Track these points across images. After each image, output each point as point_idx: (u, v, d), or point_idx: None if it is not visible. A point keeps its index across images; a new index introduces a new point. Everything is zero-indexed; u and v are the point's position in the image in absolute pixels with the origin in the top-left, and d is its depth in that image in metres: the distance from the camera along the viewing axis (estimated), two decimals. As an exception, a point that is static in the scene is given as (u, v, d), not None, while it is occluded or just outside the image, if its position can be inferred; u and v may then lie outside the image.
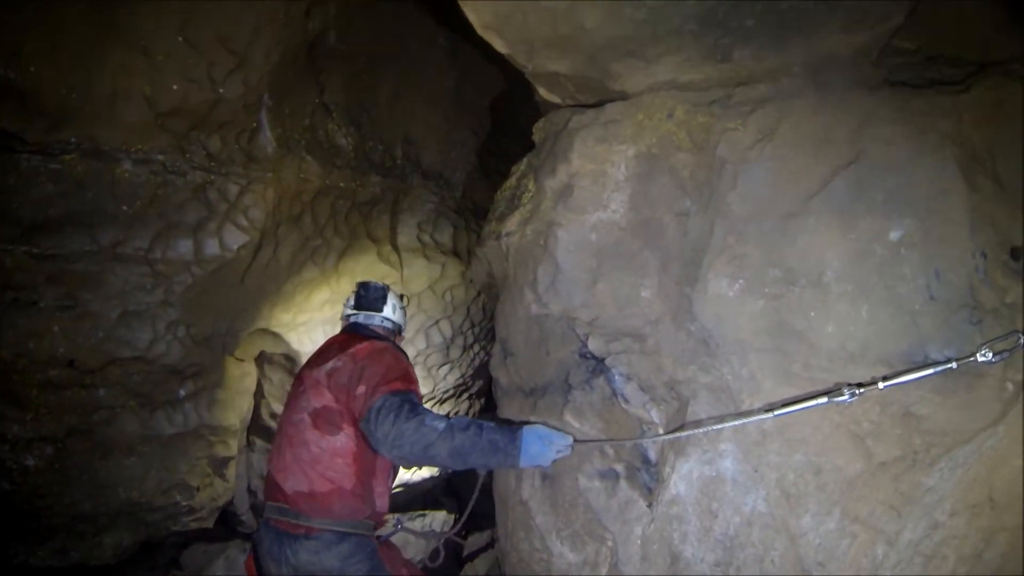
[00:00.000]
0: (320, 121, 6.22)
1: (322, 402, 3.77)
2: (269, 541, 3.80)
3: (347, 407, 3.74)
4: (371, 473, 3.84)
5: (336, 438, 3.71)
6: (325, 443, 3.71)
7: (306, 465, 3.76)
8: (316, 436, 3.75)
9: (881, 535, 3.17)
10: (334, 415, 3.74)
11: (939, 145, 3.14)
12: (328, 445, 3.72)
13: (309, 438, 3.76)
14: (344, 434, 3.71)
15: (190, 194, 5.34)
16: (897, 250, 3.10)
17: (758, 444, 3.25)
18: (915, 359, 3.04)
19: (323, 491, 3.72)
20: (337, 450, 3.72)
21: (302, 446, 3.77)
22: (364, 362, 3.81)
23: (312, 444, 3.75)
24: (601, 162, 3.78)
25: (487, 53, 6.41)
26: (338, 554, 3.70)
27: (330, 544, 3.70)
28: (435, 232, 7.64)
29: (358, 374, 3.75)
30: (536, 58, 3.73)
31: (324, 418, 3.75)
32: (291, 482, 3.79)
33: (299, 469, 3.77)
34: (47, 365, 5.15)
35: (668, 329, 3.51)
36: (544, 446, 3.35)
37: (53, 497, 5.30)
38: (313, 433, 3.75)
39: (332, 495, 3.72)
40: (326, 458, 3.73)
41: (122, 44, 4.78)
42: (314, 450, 3.75)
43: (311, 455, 3.75)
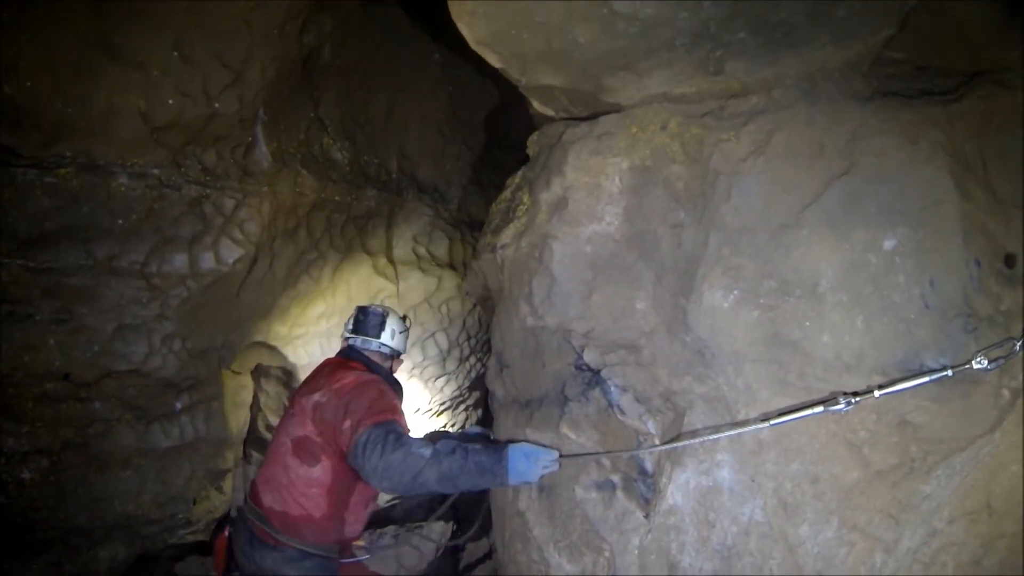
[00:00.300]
0: (315, 135, 6.24)
1: (304, 432, 3.90)
2: (242, 538, 4.02)
3: (331, 441, 3.84)
4: (343, 505, 3.98)
5: (313, 469, 3.86)
6: (303, 471, 3.87)
7: (282, 488, 3.92)
8: (295, 463, 3.89)
9: (879, 543, 3.17)
10: (314, 447, 3.87)
11: (931, 155, 3.15)
12: (304, 474, 3.87)
13: (289, 463, 3.91)
14: (321, 466, 3.85)
15: (185, 208, 5.35)
16: (891, 260, 3.11)
17: (755, 454, 3.24)
18: (911, 367, 3.05)
19: (294, 515, 3.89)
20: (312, 480, 3.86)
21: (281, 469, 3.93)
22: (349, 397, 3.87)
23: (291, 470, 3.90)
24: (595, 175, 3.79)
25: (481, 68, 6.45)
26: (299, 569, 3.89)
27: (292, 560, 3.89)
28: (430, 245, 7.65)
29: (343, 409, 3.82)
30: (530, 72, 3.73)
31: (304, 448, 3.89)
32: (268, 497, 3.95)
33: (276, 488, 3.94)
34: (43, 378, 5.16)
35: (663, 340, 3.51)
36: (530, 463, 3.41)
37: (48, 510, 5.29)
38: (293, 460, 3.90)
39: (302, 520, 3.89)
40: (300, 485, 3.88)
41: (118, 60, 4.79)
42: (292, 475, 3.90)
43: (288, 480, 3.90)
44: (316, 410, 3.90)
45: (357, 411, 3.78)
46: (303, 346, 6.74)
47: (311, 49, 5.86)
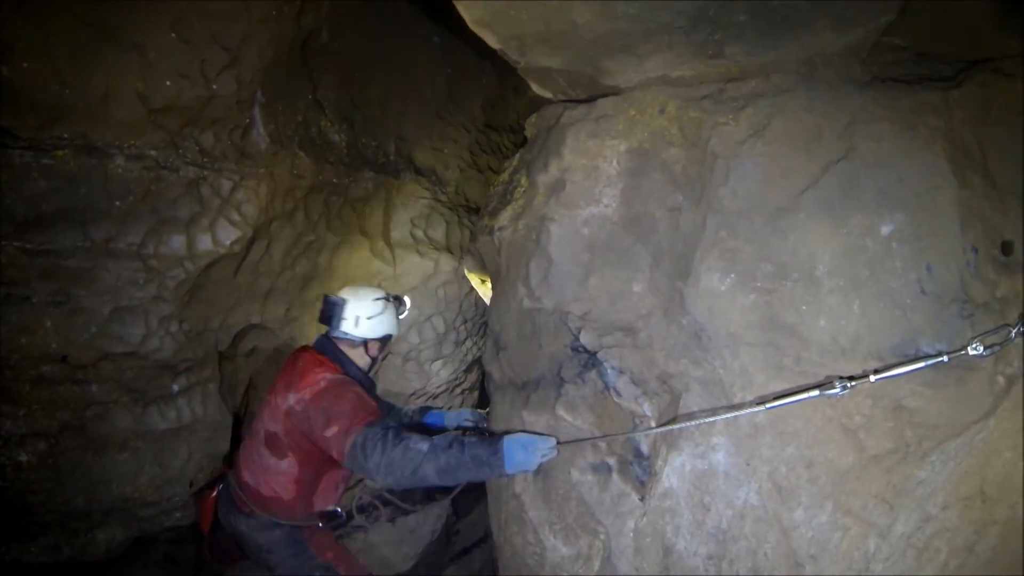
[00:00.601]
0: (313, 118, 6.22)
1: (275, 429, 4.26)
2: (224, 503, 4.61)
3: (299, 442, 4.19)
4: (311, 491, 4.43)
5: (281, 462, 4.30)
6: (272, 462, 4.33)
7: (257, 470, 4.41)
8: (266, 453, 4.33)
9: (873, 528, 3.18)
10: (281, 444, 4.25)
11: (929, 141, 3.15)
12: (274, 464, 4.32)
13: (261, 452, 4.35)
14: (288, 461, 4.28)
15: (183, 190, 5.34)
16: (888, 245, 3.12)
17: (750, 437, 3.26)
18: (907, 353, 3.06)
19: (266, 495, 4.38)
20: (281, 471, 4.32)
21: (256, 454, 4.40)
22: (324, 403, 4.05)
23: (264, 457, 4.35)
24: (593, 157, 3.80)
25: (479, 51, 6.43)
26: (269, 536, 4.43)
27: (264, 527, 4.42)
28: (428, 228, 7.63)
29: (322, 417, 4.00)
30: (528, 54, 3.72)
31: (273, 443, 4.29)
32: (246, 474, 4.46)
33: (252, 469, 4.43)
34: (39, 361, 5.15)
35: (660, 323, 3.52)
36: (528, 453, 3.49)
37: (46, 493, 5.30)
38: (264, 450, 4.34)
39: (272, 501, 4.37)
40: (271, 473, 4.35)
41: (115, 41, 4.78)
42: (265, 463, 4.36)
43: (261, 466, 4.37)
44: (289, 415, 4.14)
45: (341, 416, 3.95)
46: (300, 328, 6.72)
47: (309, 31, 5.84)
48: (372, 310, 4.58)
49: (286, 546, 4.45)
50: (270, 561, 4.50)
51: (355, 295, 4.62)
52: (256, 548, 4.50)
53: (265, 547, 4.45)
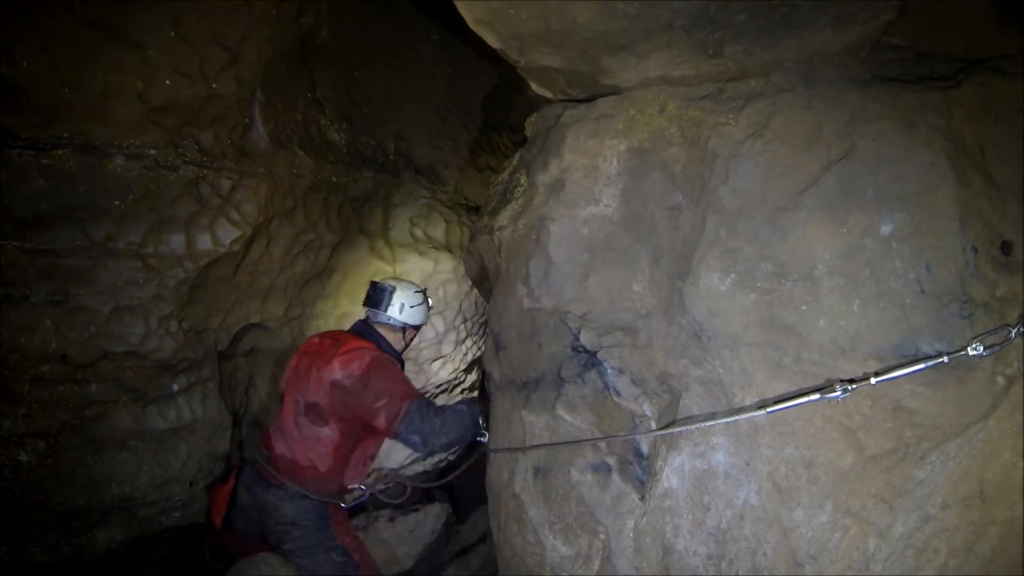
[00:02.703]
0: (312, 116, 6.22)
1: (316, 399, 4.62)
2: (250, 477, 4.87)
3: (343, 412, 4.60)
4: (345, 461, 4.79)
5: (322, 429, 4.65)
6: (312, 430, 4.67)
7: (293, 441, 4.71)
8: (306, 422, 4.69)
9: (873, 528, 3.19)
10: (324, 412, 4.62)
11: (929, 140, 3.16)
12: (314, 432, 4.67)
13: (300, 422, 4.70)
14: (329, 428, 4.65)
15: (182, 189, 5.33)
16: (888, 244, 3.13)
17: (750, 437, 3.27)
18: (906, 353, 3.07)
19: (302, 464, 4.67)
20: (321, 439, 4.66)
21: (294, 425, 4.72)
22: (373, 377, 4.56)
23: (303, 427, 4.69)
24: (593, 156, 3.80)
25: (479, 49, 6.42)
26: (296, 508, 4.67)
27: (293, 498, 4.67)
28: (427, 227, 7.65)
29: (373, 389, 4.52)
30: (528, 53, 3.72)
31: (315, 412, 4.63)
32: (280, 446, 4.77)
33: (288, 440, 4.74)
34: (39, 360, 5.14)
35: (660, 323, 3.53)
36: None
37: (46, 493, 5.28)
38: (304, 419, 4.69)
39: (307, 470, 4.67)
40: (311, 442, 4.67)
41: (114, 40, 4.77)
42: (303, 432, 4.69)
43: (300, 435, 4.69)
44: (335, 387, 4.57)
45: (389, 391, 4.53)
46: (299, 327, 6.72)
47: (308, 29, 5.84)
48: (415, 300, 5.17)
49: (312, 519, 4.71)
50: (290, 535, 4.71)
51: (401, 285, 5.17)
52: (281, 521, 4.72)
53: (291, 519, 4.68)
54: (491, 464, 4.31)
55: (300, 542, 4.71)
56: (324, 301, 6.86)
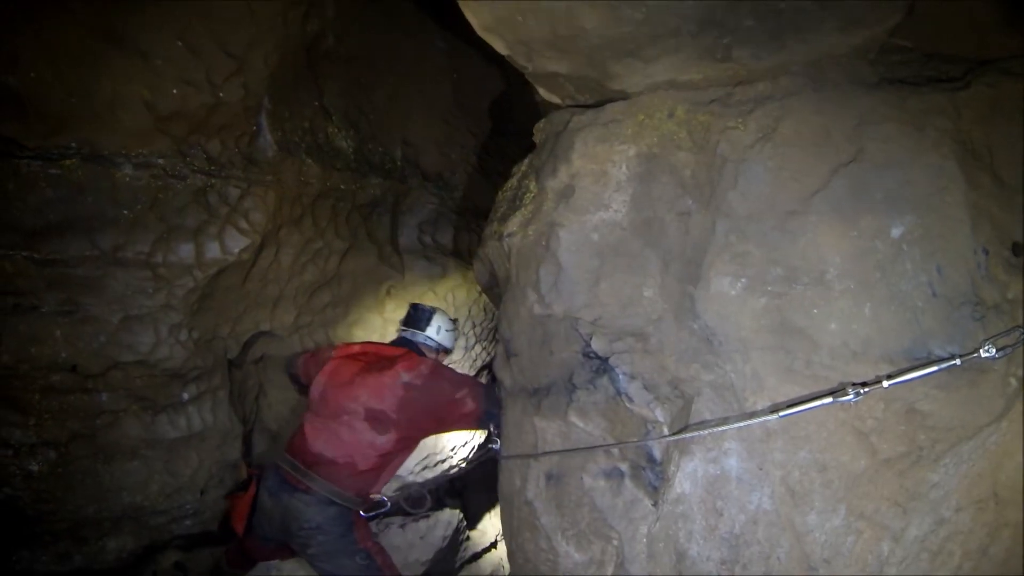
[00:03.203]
0: (319, 124, 6.23)
1: (382, 406, 4.80)
2: (274, 483, 4.86)
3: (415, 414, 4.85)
4: (383, 469, 4.92)
5: (379, 437, 4.79)
6: (368, 436, 4.80)
7: (342, 441, 4.81)
8: (364, 427, 4.79)
9: (887, 531, 3.18)
10: (388, 421, 4.79)
11: (938, 142, 3.17)
12: (369, 438, 4.80)
13: (357, 426, 4.80)
14: (386, 437, 4.80)
15: (191, 198, 5.35)
16: (899, 247, 3.13)
17: (763, 442, 3.27)
18: (918, 356, 3.07)
19: (341, 462, 4.76)
20: (375, 445, 4.79)
21: (348, 428, 4.81)
22: (443, 376, 5.02)
23: (358, 431, 4.80)
24: (602, 162, 3.81)
25: (484, 55, 6.44)
26: (322, 513, 4.71)
27: (320, 503, 4.71)
28: (436, 233, 7.68)
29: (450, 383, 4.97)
30: (536, 59, 3.74)
31: (378, 419, 4.79)
32: (319, 445, 4.83)
33: (333, 440, 4.82)
34: (49, 370, 5.15)
35: (671, 328, 3.54)
36: None
37: (56, 502, 5.32)
38: (363, 424, 4.80)
39: (345, 468, 4.76)
40: (361, 445, 4.79)
41: (121, 49, 4.79)
42: (357, 436, 4.79)
43: (352, 437, 4.80)
44: (408, 389, 4.82)
45: (463, 381, 5.07)
46: (309, 335, 6.74)
47: (314, 36, 5.85)
48: (449, 325, 5.68)
49: (336, 525, 4.75)
50: (315, 540, 4.75)
51: (439, 310, 5.67)
52: (305, 526, 4.74)
53: (315, 524, 4.72)
54: (503, 471, 4.31)
55: (324, 547, 4.77)
56: (334, 308, 6.87)
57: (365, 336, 7.25)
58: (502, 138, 8.14)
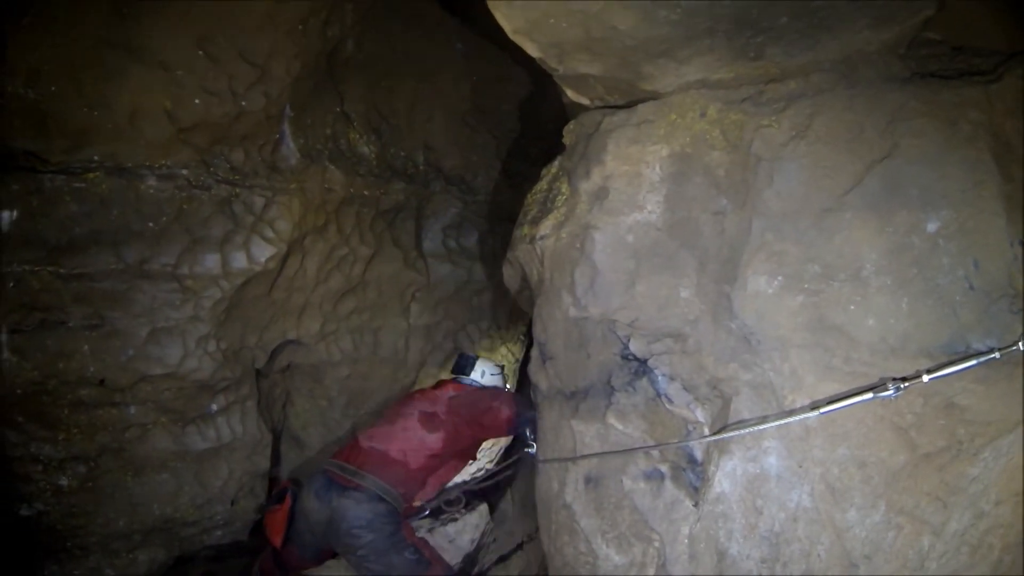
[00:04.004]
0: (341, 130, 6.26)
1: (433, 409, 5.51)
2: (320, 485, 5.13)
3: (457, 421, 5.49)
4: (433, 470, 5.40)
5: (430, 435, 5.36)
6: (421, 434, 5.39)
7: (395, 438, 5.34)
8: (417, 426, 5.41)
9: (927, 526, 3.21)
10: (438, 422, 5.43)
11: (972, 136, 3.20)
12: (421, 435, 5.38)
13: (409, 426, 5.42)
14: (436, 436, 5.36)
15: (215, 208, 5.40)
16: (935, 242, 3.16)
17: (802, 440, 3.30)
18: (957, 350, 3.09)
19: (393, 458, 5.20)
20: (426, 442, 5.33)
21: (402, 427, 5.42)
22: (484, 391, 5.87)
23: (411, 429, 5.40)
24: (635, 163, 3.86)
25: (504, 58, 6.46)
26: (372, 509, 4.94)
27: (370, 500, 4.97)
28: (460, 237, 7.71)
29: (488, 395, 5.82)
30: (567, 61, 3.78)
31: (430, 419, 5.44)
32: (374, 442, 5.31)
33: (388, 437, 5.35)
34: (77, 385, 5.19)
35: (708, 328, 3.58)
36: None
37: (87, 516, 5.36)
38: (415, 424, 5.43)
39: (396, 464, 5.19)
40: (413, 441, 5.33)
41: (142, 60, 4.84)
42: (409, 434, 5.36)
43: (405, 435, 5.36)
44: (452, 401, 5.59)
45: (501, 394, 5.88)
46: (335, 343, 6.75)
47: (335, 43, 5.90)
48: (494, 370, 6.36)
49: (386, 522, 4.95)
50: (364, 540, 4.91)
51: (483, 357, 6.45)
52: (355, 525, 4.91)
53: (365, 522, 4.91)
54: (540, 475, 4.35)
55: (373, 545, 4.91)
56: (359, 315, 6.89)
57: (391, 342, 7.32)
58: (522, 140, 8.14)
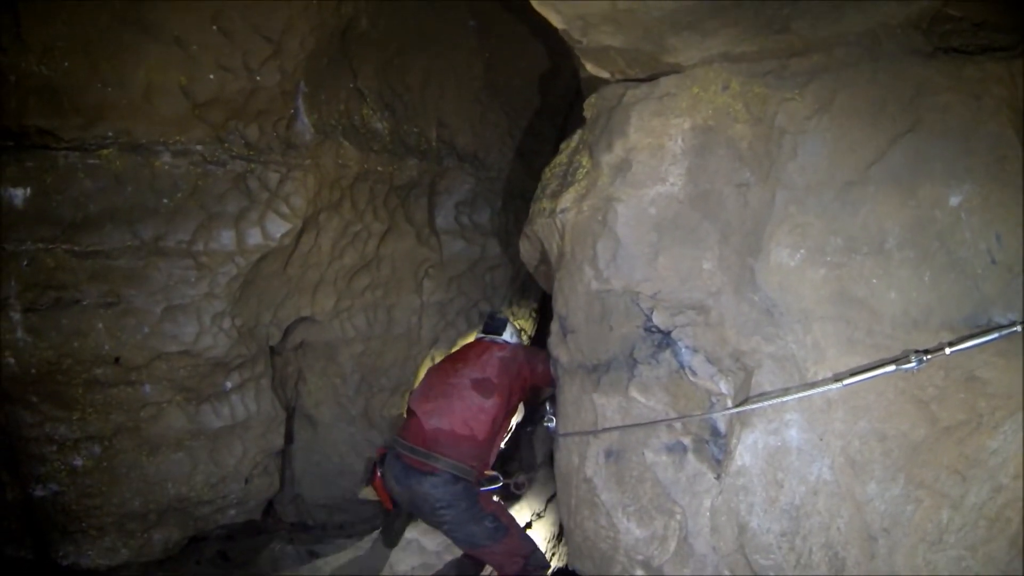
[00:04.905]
0: (355, 106, 6.28)
1: (485, 374, 5.53)
2: (398, 470, 5.35)
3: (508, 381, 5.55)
4: (497, 433, 5.57)
5: (487, 401, 5.40)
6: (478, 401, 5.41)
7: (456, 412, 5.38)
8: (472, 394, 5.42)
9: (946, 499, 3.27)
10: (491, 386, 5.47)
11: (995, 111, 3.25)
12: (479, 403, 5.40)
13: (466, 395, 5.42)
14: (493, 401, 5.41)
15: (230, 184, 5.44)
16: (957, 216, 3.22)
17: (823, 412, 3.37)
18: (978, 323, 3.16)
19: (461, 434, 5.29)
20: (485, 409, 5.38)
21: (458, 399, 5.42)
22: (526, 351, 5.94)
23: (467, 399, 5.40)
24: (658, 136, 3.90)
25: (517, 35, 6.48)
26: (451, 491, 5.15)
27: (448, 482, 5.15)
28: (473, 214, 7.74)
29: (529, 353, 5.87)
30: (591, 33, 3.82)
31: (483, 386, 5.47)
32: (434, 421, 5.36)
33: (447, 413, 5.38)
34: (92, 364, 5.24)
35: (730, 300, 3.64)
36: None
37: (102, 496, 5.44)
38: (471, 392, 5.43)
39: (464, 439, 5.29)
40: (474, 411, 5.37)
41: (156, 37, 4.88)
42: (467, 403, 5.39)
43: (463, 405, 5.39)
44: (502, 363, 5.61)
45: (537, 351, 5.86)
46: (349, 320, 6.77)
47: (349, 19, 5.93)
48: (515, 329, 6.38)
49: (463, 498, 5.18)
50: (446, 516, 5.20)
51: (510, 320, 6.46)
52: (436, 506, 5.19)
53: (446, 502, 5.15)
54: (560, 449, 4.42)
55: (455, 519, 5.20)
56: (373, 292, 6.91)
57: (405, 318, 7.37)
58: (535, 117, 8.15)
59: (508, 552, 5.34)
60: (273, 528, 6.66)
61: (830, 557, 3.37)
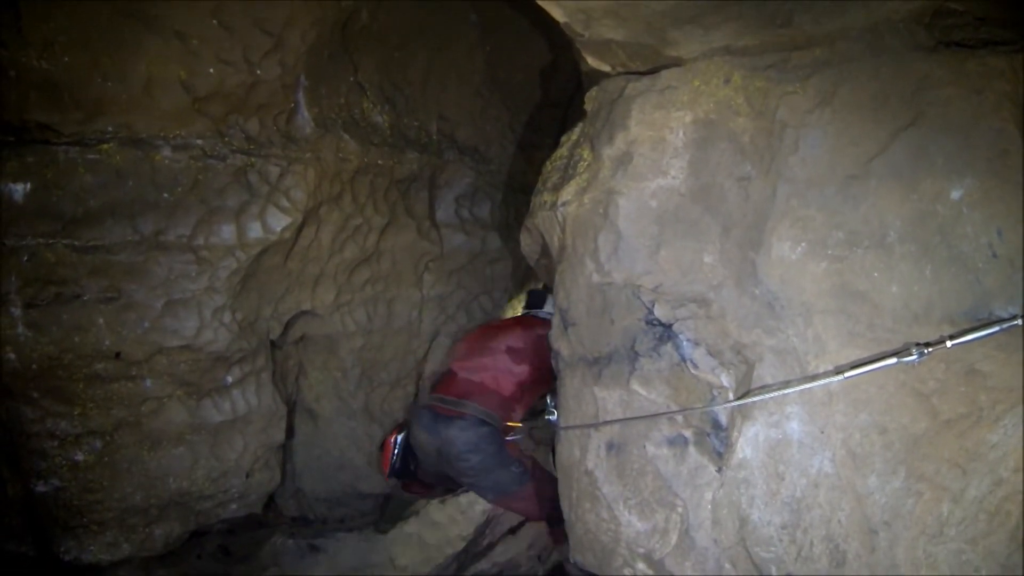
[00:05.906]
0: (355, 100, 6.29)
1: (521, 344, 6.00)
2: (427, 420, 5.74)
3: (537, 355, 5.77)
4: (519, 397, 5.89)
5: (516, 367, 5.89)
6: (509, 364, 5.93)
7: (487, 368, 5.91)
8: (506, 359, 5.95)
9: (946, 492, 3.29)
10: (525, 357, 5.92)
11: (997, 106, 3.25)
12: (509, 366, 5.91)
13: (499, 358, 5.96)
14: (522, 368, 5.87)
15: (231, 178, 5.46)
16: (959, 210, 3.22)
17: (824, 405, 3.37)
18: (980, 317, 3.16)
19: (488, 387, 5.77)
20: (513, 372, 5.87)
21: (492, 359, 5.98)
22: None
23: (499, 361, 5.95)
24: (659, 128, 3.91)
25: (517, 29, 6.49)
26: (478, 433, 5.51)
27: (475, 425, 5.52)
28: (474, 207, 7.76)
29: None
30: (593, 27, 3.84)
31: (517, 354, 5.97)
32: (467, 373, 5.91)
33: (481, 370, 5.90)
34: (93, 359, 5.26)
35: (732, 293, 3.65)
36: None
37: (103, 491, 5.46)
38: (504, 357, 5.97)
39: (490, 392, 5.75)
40: (502, 371, 5.87)
41: (156, 30, 4.89)
42: (499, 364, 5.91)
43: (495, 365, 5.91)
44: (539, 340, 5.69)
45: None
46: (349, 313, 6.81)
47: (349, 12, 5.93)
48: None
49: (490, 442, 5.53)
50: (472, 461, 5.52)
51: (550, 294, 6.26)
52: (463, 449, 5.52)
53: (472, 445, 5.50)
54: (561, 442, 4.42)
55: (482, 463, 5.52)
56: (373, 285, 6.93)
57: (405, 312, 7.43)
58: (536, 111, 8.16)
59: (535, 496, 5.65)
60: (274, 522, 6.69)
61: (831, 550, 3.38)
